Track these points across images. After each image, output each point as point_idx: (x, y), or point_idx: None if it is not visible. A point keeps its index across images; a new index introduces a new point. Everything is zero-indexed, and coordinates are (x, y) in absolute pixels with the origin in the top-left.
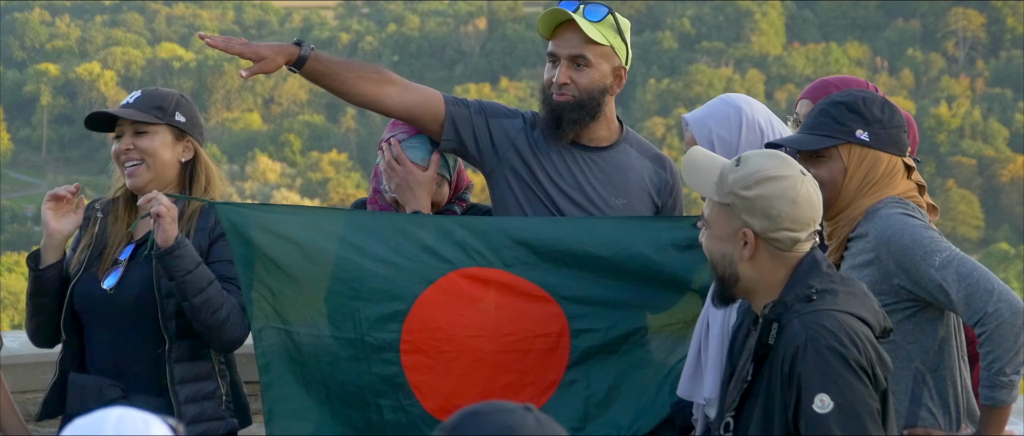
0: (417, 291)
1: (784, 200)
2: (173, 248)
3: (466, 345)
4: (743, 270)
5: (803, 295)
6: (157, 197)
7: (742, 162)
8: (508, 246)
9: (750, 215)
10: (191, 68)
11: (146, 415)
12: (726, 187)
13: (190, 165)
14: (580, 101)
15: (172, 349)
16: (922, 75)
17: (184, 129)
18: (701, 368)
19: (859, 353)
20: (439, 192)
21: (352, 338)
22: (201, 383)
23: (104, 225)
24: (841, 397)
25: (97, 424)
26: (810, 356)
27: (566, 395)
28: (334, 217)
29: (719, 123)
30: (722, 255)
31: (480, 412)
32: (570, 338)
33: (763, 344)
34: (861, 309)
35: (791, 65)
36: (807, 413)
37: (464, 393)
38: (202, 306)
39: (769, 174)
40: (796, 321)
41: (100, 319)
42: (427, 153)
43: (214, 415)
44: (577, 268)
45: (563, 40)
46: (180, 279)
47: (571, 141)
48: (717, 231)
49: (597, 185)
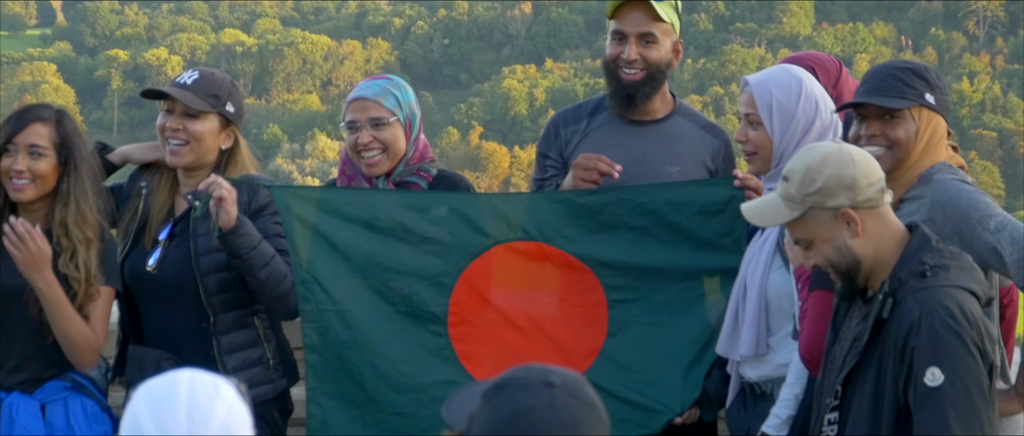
0: (463, 265)
1: (845, 166)
2: (236, 227)
3: (509, 315)
4: (858, 249)
5: (917, 271)
6: (218, 181)
7: (789, 174)
8: (548, 220)
9: (832, 198)
10: (253, 53)
11: (215, 378)
12: (796, 199)
13: (229, 152)
14: (651, 75)
15: (217, 323)
16: (945, 53)
17: (231, 119)
18: (738, 327)
19: (972, 329)
20: (393, 134)
21: (402, 311)
22: (248, 351)
23: (147, 201)
24: (952, 371)
25: (169, 387)
26: (925, 331)
27: (606, 364)
28: (383, 197)
29: (780, 89)
30: (837, 250)
31: (503, 385)
32: (607, 308)
33: (878, 318)
34: (970, 282)
35: (821, 45)
36: (918, 385)
37: (508, 362)
38: (268, 279)
39: (818, 157)
40: (911, 297)
41: (147, 296)
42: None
43: (263, 379)
44: (614, 238)
45: (630, 18)
46: (246, 256)
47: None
48: (820, 236)
49: (650, 155)
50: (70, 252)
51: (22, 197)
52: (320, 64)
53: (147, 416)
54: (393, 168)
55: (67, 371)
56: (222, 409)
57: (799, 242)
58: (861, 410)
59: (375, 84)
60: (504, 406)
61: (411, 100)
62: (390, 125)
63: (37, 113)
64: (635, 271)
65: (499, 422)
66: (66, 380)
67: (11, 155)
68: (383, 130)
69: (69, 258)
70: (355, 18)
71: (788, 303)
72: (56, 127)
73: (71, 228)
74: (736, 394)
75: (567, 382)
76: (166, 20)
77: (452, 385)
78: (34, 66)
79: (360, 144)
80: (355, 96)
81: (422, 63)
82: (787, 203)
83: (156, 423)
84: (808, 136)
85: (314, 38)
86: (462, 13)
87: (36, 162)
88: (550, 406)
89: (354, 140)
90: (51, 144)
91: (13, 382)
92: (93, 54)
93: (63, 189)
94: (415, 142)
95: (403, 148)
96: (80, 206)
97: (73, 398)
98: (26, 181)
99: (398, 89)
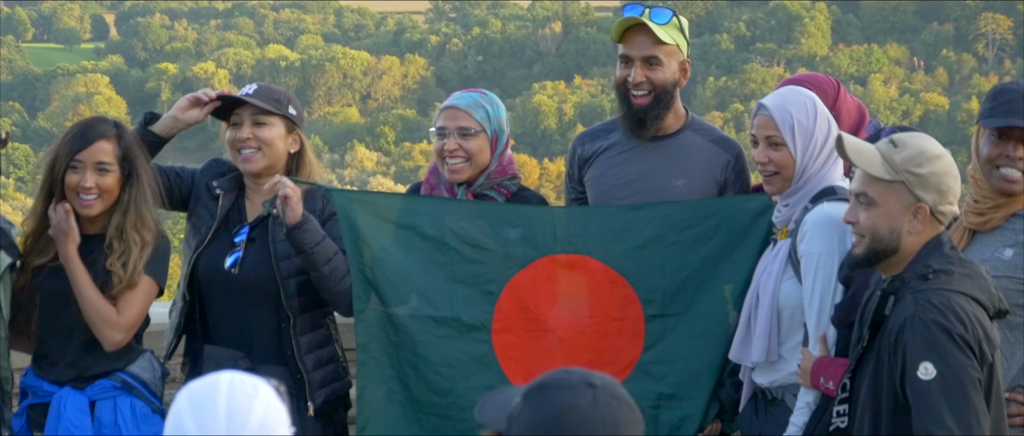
0: (509, 275)
1: (951, 176)
2: (301, 223)
3: (550, 326)
4: (906, 242)
5: (920, 273)
6: (283, 181)
7: (900, 143)
8: (593, 234)
9: (924, 190)
10: (296, 67)
11: (254, 379)
12: (896, 166)
13: (297, 156)
14: (658, 97)
15: (296, 324)
16: (955, 73)
17: (295, 122)
18: (751, 334)
19: (965, 329)
20: (479, 145)
21: (449, 317)
22: (322, 349)
23: (227, 204)
24: (944, 366)
25: (210, 387)
26: (917, 328)
27: (642, 377)
28: (437, 205)
29: (798, 109)
30: (890, 229)
31: (546, 386)
32: (645, 322)
33: (879, 314)
34: (974, 290)
35: (837, 64)
36: (912, 379)
37: (547, 369)
38: (331, 274)
39: (936, 152)
40: (909, 296)
41: (223, 295)
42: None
43: (337, 376)
44: (655, 254)
45: (635, 43)
46: (310, 250)
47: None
48: (887, 208)
49: (657, 169)
50: (122, 253)
51: (90, 213)
52: (360, 79)
53: (189, 415)
54: (475, 178)
55: (116, 370)
56: (260, 409)
57: (862, 198)
58: (865, 402)
59: (469, 96)
60: (548, 405)
61: (501, 117)
62: (477, 136)
63: (100, 130)
64: (673, 286)
65: (543, 421)
66: (115, 380)
67: (78, 172)
68: (469, 140)
69: (118, 257)
70: (393, 35)
71: (799, 313)
72: (118, 142)
73: (129, 232)
74: (748, 400)
75: (607, 383)
76: (214, 35)
77: (490, 390)
78: (88, 78)
79: (446, 150)
80: (448, 104)
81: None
82: (885, 163)
83: (197, 422)
84: (824, 152)
85: (354, 54)
86: (495, 31)
87: (103, 178)
88: (593, 405)
89: (441, 146)
90: (115, 159)
91: (65, 378)
92: (144, 67)
93: (125, 198)
94: (499, 157)
95: (487, 160)
96: (140, 212)
97: (123, 398)
98: (94, 197)
99: (490, 104)
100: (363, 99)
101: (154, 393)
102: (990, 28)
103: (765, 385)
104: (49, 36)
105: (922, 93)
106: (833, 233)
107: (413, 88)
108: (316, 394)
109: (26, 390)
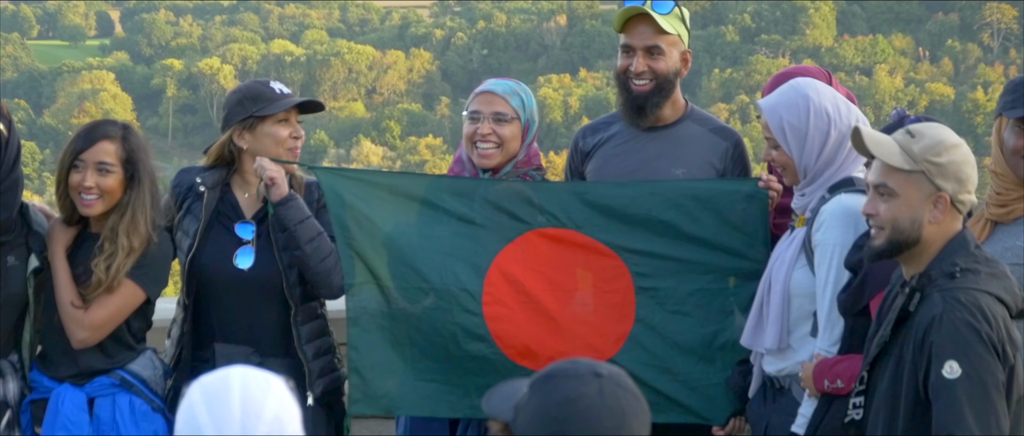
0: (497, 248)
1: (969, 164)
2: (286, 199)
3: (541, 298)
4: (927, 232)
5: (947, 272)
6: (263, 164)
7: (917, 134)
8: (579, 209)
9: (943, 179)
10: (301, 62)
11: (267, 374)
12: (915, 156)
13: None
14: (659, 85)
15: (298, 313)
16: (960, 63)
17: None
18: (763, 321)
19: (991, 330)
20: (511, 132)
21: (439, 288)
22: (320, 340)
23: (213, 200)
24: (969, 366)
25: (222, 382)
26: (945, 327)
27: (634, 348)
28: (422, 181)
29: (789, 111)
30: (911, 220)
31: (552, 375)
32: (635, 294)
33: (904, 310)
34: (1000, 289)
35: (842, 55)
36: (936, 377)
37: (540, 340)
38: (312, 253)
39: (953, 141)
40: (936, 294)
41: (230, 293)
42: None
43: (333, 367)
44: (643, 229)
45: (637, 32)
46: (293, 227)
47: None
48: (908, 198)
49: (657, 159)
50: (109, 255)
51: (91, 212)
52: (365, 73)
53: (202, 410)
54: (502, 165)
55: (116, 368)
56: (274, 402)
57: (882, 189)
58: (883, 397)
59: (505, 83)
60: (554, 394)
61: (534, 108)
62: (511, 123)
63: (104, 131)
64: (662, 260)
65: (550, 409)
66: (114, 377)
67: (80, 171)
68: (503, 126)
69: (104, 259)
70: (398, 29)
71: (808, 302)
72: (122, 144)
73: (120, 235)
74: (758, 388)
75: (613, 373)
76: (219, 31)
77: (486, 361)
78: (93, 74)
79: (478, 134)
80: (484, 89)
81: (462, 72)
82: (903, 153)
83: (211, 417)
84: (826, 147)
85: (359, 48)
86: (500, 25)
87: (104, 178)
88: (599, 394)
89: (473, 130)
90: (118, 161)
91: (64, 375)
92: (149, 63)
93: (124, 201)
94: (527, 147)
95: (516, 148)
96: (135, 217)
97: (121, 395)
98: (94, 197)
99: (525, 94)
100: (368, 94)
101: (154, 391)
102: (995, 17)
103: (773, 373)
104: (54, 33)
105: (927, 83)
106: (849, 224)
107: (418, 82)
108: (315, 384)
109: (31, 386)
